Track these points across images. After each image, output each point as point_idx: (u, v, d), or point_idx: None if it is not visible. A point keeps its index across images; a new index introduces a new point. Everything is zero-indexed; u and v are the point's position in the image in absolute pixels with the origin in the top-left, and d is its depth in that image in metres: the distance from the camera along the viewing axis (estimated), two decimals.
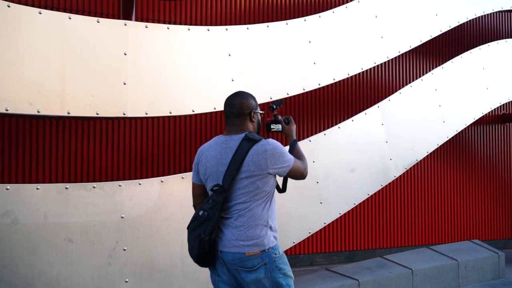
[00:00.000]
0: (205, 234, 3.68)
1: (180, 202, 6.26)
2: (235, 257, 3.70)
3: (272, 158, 3.73)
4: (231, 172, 3.70)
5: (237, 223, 3.72)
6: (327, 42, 7.78)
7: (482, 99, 9.87)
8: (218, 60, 6.76)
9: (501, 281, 9.57)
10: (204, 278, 6.36)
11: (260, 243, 3.72)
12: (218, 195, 3.70)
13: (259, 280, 3.70)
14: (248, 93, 3.97)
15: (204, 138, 9.54)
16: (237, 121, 3.86)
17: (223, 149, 3.79)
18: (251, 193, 3.73)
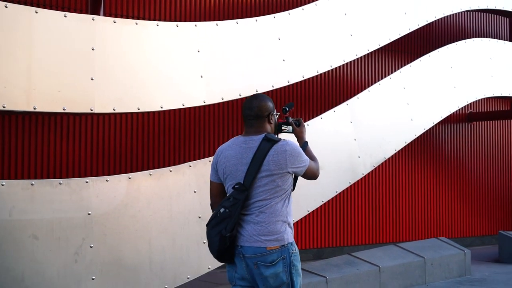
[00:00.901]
0: (226, 231, 3.82)
1: (148, 199, 6.22)
2: (256, 251, 3.85)
3: (291, 158, 3.92)
4: (252, 171, 3.88)
5: (258, 219, 3.88)
6: (296, 39, 7.78)
7: (450, 97, 9.94)
8: (187, 56, 6.72)
9: (467, 278, 9.67)
10: (171, 275, 6.33)
11: (280, 238, 3.89)
12: (239, 193, 3.87)
13: (277, 274, 3.86)
14: (266, 96, 4.16)
15: (173, 134, 9.49)
16: (256, 122, 4.03)
17: (243, 149, 3.97)
18: (271, 191, 3.89)
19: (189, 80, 6.69)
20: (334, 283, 7.84)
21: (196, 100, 6.78)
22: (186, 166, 6.62)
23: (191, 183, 6.57)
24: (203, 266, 6.62)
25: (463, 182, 13.69)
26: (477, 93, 10.55)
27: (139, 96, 6.33)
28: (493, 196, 14.30)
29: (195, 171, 6.63)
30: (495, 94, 11.01)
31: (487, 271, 10.34)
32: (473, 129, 14.07)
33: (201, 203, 6.59)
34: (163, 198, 6.33)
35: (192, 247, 6.51)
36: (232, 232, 3.84)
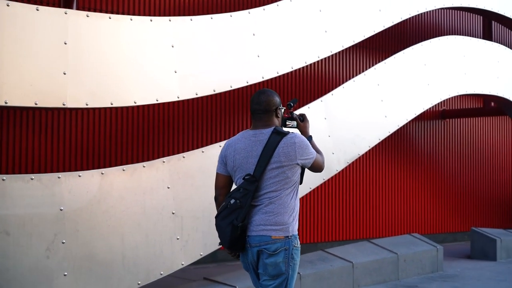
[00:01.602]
0: (238, 221, 3.95)
1: (121, 195, 6.18)
2: (261, 240, 3.99)
3: (300, 150, 4.06)
4: (262, 162, 4.01)
5: (267, 209, 4.01)
6: (271, 35, 7.77)
7: (423, 94, 10.00)
8: (161, 51, 6.68)
9: (439, 274, 9.74)
10: (144, 271, 6.30)
11: (285, 229, 4.01)
12: (250, 184, 4.00)
13: (278, 264, 3.99)
14: (273, 91, 4.27)
15: (147, 129, 9.44)
16: (265, 116, 4.16)
17: (253, 142, 4.10)
18: (281, 182, 4.03)
19: (163, 75, 6.65)
20: (307, 279, 7.85)
21: (170, 96, 6.74)
22: (160, 161, 6.58)
23: (165, 178, 6.54)
24: (177, 262, 6.60)
25: (436, 179, 13.79)
26: (451, 90, 10.62)
27: (112, 91, 6.28)
28: (465, 193, 14.43)
29: (169, 167, 6.60)
30: (468, 91, 11.09)
31: (459, 267, 10.43)
32: (446, 126, 14.17)
33: (175, 198, 6.57)
34: (136, 194, 6.29)
35: (166, 243, 6.49)
36: (244, 222, 3.97)
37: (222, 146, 7.09)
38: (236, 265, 9.69)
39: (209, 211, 6.87)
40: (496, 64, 11.69)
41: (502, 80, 11.77)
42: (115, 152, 9.13)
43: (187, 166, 6.76)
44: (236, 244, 4.04)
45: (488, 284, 8.93)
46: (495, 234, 11.76)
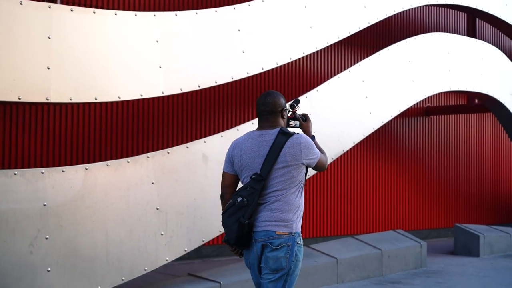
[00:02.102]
0: (244, 218, 4.07)
1: (105, 190, 6.15)
2: (266, 234, 4.12)
3: (305, 150, 4.19)
4: (269, 162, 4.14)
5: (272, 207, 4.15)
6: (256, 31, 7.76)
7: (408, 91, 10.04)
8: (145, 46, 6.66)
9: (423, 269, 9.78)
10: (128, 267, 6.29)
11: (290, 225, 4.15)
12: (257, 183, 4.12)
13: (279, 258, 4.11)
14: (279, 92, 4.41)
15: (131, 125, 9.41)
16: (271, 117, 4.30)
17: (259, 142, 4.23)
18: (287, 181, 4.16)
19: (147, 71, 6.63)
20: None
21: (155, 91, 6.72)
22: (144, 157, 6.57)
23: (149, 174, 6.52)
24: (161, 258, 6.59)
25: (421, 175, 13.85)
26: (435, 87, 10.66)
27: (96, 86, 6.25)
28: (449, 190, 14.50)
29: (153, 162, 6.58)
30: (452, 88, 11.14)
31: (442, 263, 10.48)
32: (430, 123, 14.23)
33: (159, 194, 6.55)
34: (121, 189, 6.27)
35: (150, 239, 6.47)
36: (250, 219, 4.09)
37: (206, 141, 7.13)
38: (221, 261, 9.70)
39: (194, 207, 6.87)
40: (480, 61, 11.75)
41: (486, 77, 11.83)
42: (99, 147, 9.10)
43: (171, 162, 6.75)
44: (242, 241, 4.17)
45: (471, 280, 8.98)
46: (478, 230, 11.83)
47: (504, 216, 15.83)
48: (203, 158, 7.03)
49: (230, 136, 7.38)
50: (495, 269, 10.01)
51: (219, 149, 7.21)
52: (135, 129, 9.49)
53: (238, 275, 7.41)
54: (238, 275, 7.41)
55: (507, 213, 15.94)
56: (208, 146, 7.13)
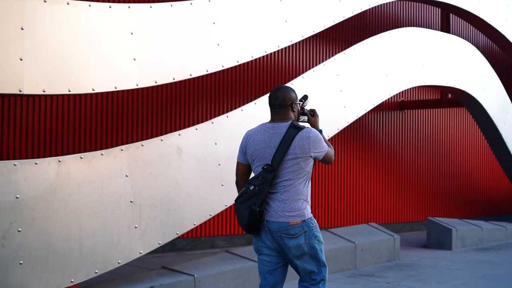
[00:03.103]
0: (255, 205, 4.39)
1: (78, 183, 6.11)
2: (280, 225, 4.44)
3: (314, 143, 4.49)
4: (279, 153, 4.44)
5: (282, 197, 4.46)
6: (231, 23, 7.75)
7: (382, 85, 10.09)
8: (119, 38, 6.61)
9: (395, 262, 9.86)
10: (101, 260, 6.26)
11: (301, 214, 4.48)
12: (268, 173, 4.43)
13: (300, 245, 4.46)
14: (289, 87, 4.73)
15: (105, 117, 9.37)
16: (281, 111, 4.61)
17: (271, 134, 4.54)
18: (295, 172, 4.47)
19: (121, 63, 6.59)
20: None
21: (129, 83, 6.68)
22: (118, 149, 6.53)
23: (123, 166, 6.49)
24: (135, 251, 6.57)
25: (394, 169, 13.95)
26: (409, 81, 10.73)
27: (70, 77, 6.19)
28: (422, 183, 14.62)
29: (127, 155, 6.55)
30: (426, 83, 11.22)
31: (415, 256, 10.57)
32: (404, 117, 14.33)
33: (133, 187, 6.53)
34: (94, 182, 6.24)
35: (124, 232, 6.45)
36: (261, 207, 4.42)
37: (181, 134, 7.11)
38: (195, 254, 9.70)
39: (168, 200, 6.86)
40: (454, 56, 11.84)
41: (459, 72, 11.93)
42: (72, 139, 9.04)
43: (145, 154, 6.73)
44: (252, 227, 4.48)
45: (443, 273, 9.07)
46: (451, 223, 11.95)
47: (476, 210, 16.00)
48: (178, 151, 7.01)
49: (204, 129, 7.37)
50: (466, 262, 10.12)
51: (194, 142, 7.20)
52: (109, 122, 9.44)
53: (212, 268, 7.42)
54: (212, 268, 7.42)
55: (479, 207, 16.12)
56: (183, 139, 7.11)
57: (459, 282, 8.38)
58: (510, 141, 13.39)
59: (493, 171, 16.40)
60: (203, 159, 7.27)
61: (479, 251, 11.51)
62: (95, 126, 9.28)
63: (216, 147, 7.41)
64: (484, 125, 13.22)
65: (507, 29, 13.36)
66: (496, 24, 13.06)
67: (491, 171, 16.46)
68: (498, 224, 13.24)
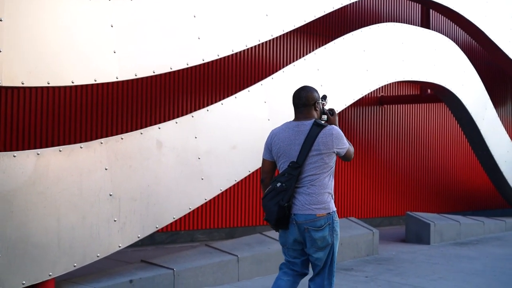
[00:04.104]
0: (283, 201, 4.64)
1: (57, 176, 6.08)
2: (307, 218, 4.68)
3: (336, 140, 4.75)
4: (304, 150, 4.69)
5: (309, 191, 4.70)
6: (212, 17, 7.73)
7: (362, 80, 10.12)
8: (99, 31, 6.57)
9: (374, 257, 9.91)
10: (80, 253, 6.23)
11: (327, 206, 4.73)
12: (293, 169, 4.68)
13: (325, 237, 4.71)
14: (313, 87, 4.98)
15: (85, 110, 9.32)
16: (305, 110, 4.89)
17: (296, 132, 4.80)
18: (320, 167, 4.72)
19: (101, 56, 6.55)
20: (245, 262, 7.89)
21: (109, 76, 6.65)
22: (98, 142, 6.50)
23: (102, 160, 6.46)
24: (114, 244, 6.55)
25: (373, 164, 14.00)
26: (389, 76, 10.77)
27: (49, 70, 6.15)
28: (401, 178, 14.70)
29: (107, 148, 6.52)
30: (405, 78, 11.27)
31: (394, 251, 10.63)
32: (384, 112, 14.39)
33: (112, 180, 6.50)
34: (73, 175, 6.21)
35: (103, 225, 6.43)
36: (289, 202, 4.67)
37: (161, 128, 7.09)
38: (174, 248, 9.69)
39: (147, 194, 6.84)
40: (433, 51, 11.90)
41: (439, 68, 12.00)
42: (51, 132, 8.98)
43: (125, 148, 6.70)
44: (281, 222, 4.72)
45: (422, 267, 9.13)
46: (429, 218, 12.03)
47: (454, 204, 16.12)
48: (157, 145, 7.00)
49: (184, 123, 7.36)
50: (444, 256, 10.20)
51: (174, 136, 7.18)
52: (88, 114, 9.40)
53: (192, 262, 7.42)
54: (192, 262, 7.42)
55: (457, 202, 16.23)
56: (163, 133, 7.09)
57: (437, 276, 8.44)
58: (488, 136, 13.49)
59: (472, 166, 16.52)
60: (183, 152, 7.26)
61: (457, 245, 11.60)
62: (75, 119, 9.23)
63: (196, 141, 7.40)
64: (463, 120, 13.31)
65: (486, 26, 13.44)
66: (475, 20, 13.14)
67: (469, 167, 16.58)
68: (476, 219, 13.35)
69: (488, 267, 9.29)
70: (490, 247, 11.48)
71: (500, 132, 14.02)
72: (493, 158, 13.68)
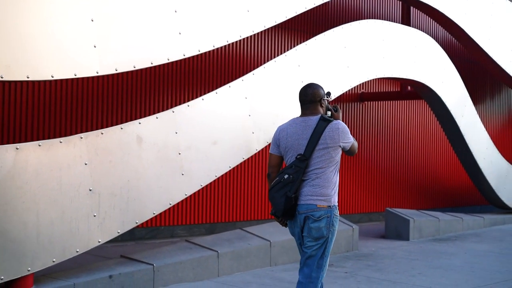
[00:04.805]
0: (290, 192, 4.81)
1: (36, 171, 6.04)
2: (308, 207, 4.85)
3: (342, 134, 4.93)
4: (311, 144, 4.87)
5: (314, 183, 4.87)
6: (193, 12, 7.71)
7: (343, 77, 10.14)
8: (80, 25, 6.53)
9: (354, 253, 9.95)
10: (59, 248, 6.21)
11: (328, 199, 4.89)
12: (301, 162, 4.86)
13: (320, 228, 4.86)
14: (318, 84, 5.17)
15: (64, 104, 9.27)
16: (311, 106, 5.07)
17: (303, 127, 4.98)
18: (326, 161, 4.90)
19: (81, 50, 6.51)
20: (225, 257, 7.90)
21: (89, 71, 6.61)
22: (77, 137, 6.47)
23: (82, 155, 6.44)
24: (93, 239, 6.53)
25: (354, 160, 14.05)
26: (369, 73, 10.80)
27: (29, 64, 6.10)
28: (381, 175, 14.76)
29: (87, 143, 6.50)
30: (386, 75, 11.31)
31: (373, 247, 10.68)
32: (364, 109, 14.43)
33: (92, 175, 6.48)
34: (53, 170, 6.18)
35: (82, 220, 6.40)
36: (296, 193, 4.84)
37: (141, 123, 7.08)
38: (154, 244, 9.67)
39: (127, 188, 6.82)
40: (414, 49, 11.96)
41: (419, 65, 12.06)
42: (31, 126, 8.93)
43: (105, 143, 6.68)
44: (288, 213, 4.88)
45: (401, 263, 9.18)
46: (409, 214, 12.09)
47: (434, 201, 16.22)
48: (138, 140, 6.98)
49: (165, 118, 7.34)
50: (423, 252, 10.26)
51: (154, 131, 7.17)
52: (68, 109, 9.35)
53: (171, 257, 7.41)
54: (171, 257, 7.41)
55: (436, 199, 16.34)
56: (143, 128, 7.08)
57: (416, 272, 8.50)
58: (467, 133, 13.58)
59: (451, 163, 16.63)
60: (163, 148, 7.25)
61: (435, 241, 11.68)
62: (54, 114, 9.18)
63: (176, 136, 7.38)
64: (443, 117, 13.39)
65: (466, 23, 13.52)
66: (456, 18, 13.21)
67: (449, 164, 16.69)
68: (455, 215, 13.44)
69: (466, 263, 9.36)
70: (468, 243, 11.57)
71: (479, 129, 14.12)
72: (472, 155, 13.77)
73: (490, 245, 11.32)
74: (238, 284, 7.45)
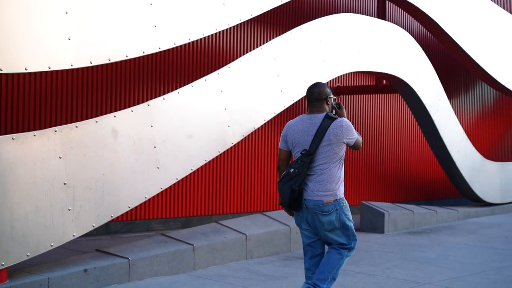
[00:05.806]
0: (295, 185, 5.15)
1: (10, 164, 5.99)
2: (315, 203, 5.19)
3: (346, 131, 5.23)
4: (316, 140, 5.18)
5: (319, 179, 5.20)
6: (168, 5, 7.68)
7: (319, 70, 10.15)
8: (54, 17, 6.48)
9: None
10: (34, 242, 6.16)
11: (334, 194, 5.21)
12: (305, 157, 5.18)
13: (331, 221, 5.20)
14: (325, 83, 5.48)
15: (38, 97, 9.19)
16: (317, 104, 5.35)
17: (309, 124, 5.28)
18: (330, 157, 5.20)
19: (55, 42, 6.46)
20: (201, 251, 7.89)
21: (63, 63, 6.56)
22: (52, 130, 6.42)
23: (56, 148, 6.39)
24: (68, 233, 6.49)
25: None
26: (345, 67, 10.83)
27: (1, 56, 6.04)
28: (356, 168, 14.81)
29: (61, 136, 6.45)
30: (361, 68, 11.34)
31: None
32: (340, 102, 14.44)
33: (67, 169, 6.44)
34: (26, 163, 6.12)
35: (57, 214, 6.36)
36: (300, 186, 5.17)
37: (116, 116, 7.04)
38: (130, 237, 9.64)
39: (102, 182, 6.79)
40: (389, 43, 12.01)
41: (394, 59, 12.11)
42: (4, 120, 8.84)
43: (80, 136, 6.64)
44: (293, 204, 5.22)
45: (376, 256, 9.23)
46: (384, 207, 12.16)
47: (409, 194, 16.33)
48: (113, 133, 6.94)
49: (140, 111, 7.31)
50: (398, 245, 10.33)
51: (129, 124, 7.14)
52: (42, 102, 9.27)
53: (147, 251, 7.39)
54: (147, 251, 7.39)
55: (411, 192, 16.45)
56: (118, 121, 7.04)
57: (391, 264, 8.55)
58: (442, 127, 13.67)
59: (426, 156, 16.74)
60: (138, 141, 7.22)
61: (410, 234, 11.76)
62: (28, 107, 9.10)
63: (152, 130, 7.36)
64: (417, 111, 13.46)
65: (441, 18, 13.60)
66: (431, 12, 13.28)
67: (423, 157, 16.80)
68: (429, 208, 13.54)
69: (440, 255, 9.44)
70: (442, 236, 11.66)
71: (453, 123, 14.22)
72: (446, 148, 13.87)
73: (464, 238, 11.42)
74: (213, 278, 7.45)
